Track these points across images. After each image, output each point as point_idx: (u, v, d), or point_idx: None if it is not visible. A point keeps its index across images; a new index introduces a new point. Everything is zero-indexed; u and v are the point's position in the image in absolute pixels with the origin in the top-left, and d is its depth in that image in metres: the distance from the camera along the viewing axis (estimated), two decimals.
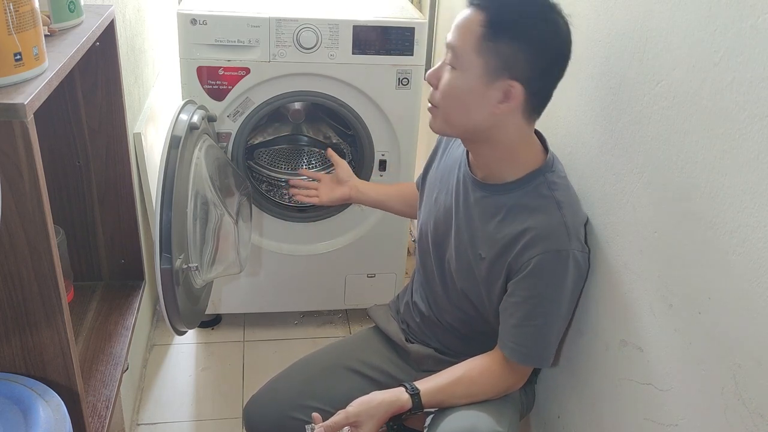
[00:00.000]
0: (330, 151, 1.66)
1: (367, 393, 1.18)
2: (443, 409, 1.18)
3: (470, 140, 1.17)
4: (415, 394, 1.14)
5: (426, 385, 1.16)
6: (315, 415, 1.18)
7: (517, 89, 1.05)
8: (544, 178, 1.13)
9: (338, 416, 1.13)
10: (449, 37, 1.09)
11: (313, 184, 1.64)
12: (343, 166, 1.61)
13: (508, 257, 1.12)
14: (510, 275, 1.13)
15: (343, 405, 1.17)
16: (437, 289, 1.31)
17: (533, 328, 1.12)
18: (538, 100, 1.10)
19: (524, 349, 1.14)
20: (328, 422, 1.13)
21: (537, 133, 1.20)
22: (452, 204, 1.23)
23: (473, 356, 1.31)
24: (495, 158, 1.15)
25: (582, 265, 1.13)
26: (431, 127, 1.18)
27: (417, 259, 1.39)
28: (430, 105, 1.15)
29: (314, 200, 1.61)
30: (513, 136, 1.12)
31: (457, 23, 1.08)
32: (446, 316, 1.32)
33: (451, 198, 1.24)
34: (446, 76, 1.10)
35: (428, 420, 1.20)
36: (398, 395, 1.14)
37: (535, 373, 1.39)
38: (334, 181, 1.62)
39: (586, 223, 1.19)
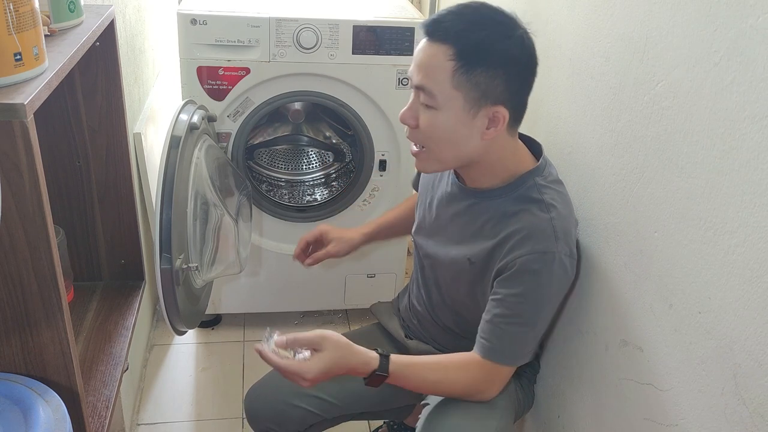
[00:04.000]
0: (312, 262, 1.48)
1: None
2: (436, 413, 1.17)
3: (460, 166, 1.16)
4: (384, 356, 1.10)
5: (400, 356, 1.13)
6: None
7: (503, 113, 1.05)
8: (534, 182, 1.12)
9: (307, 333, 1.09)
10: (415, 77, 1.05)
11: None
12: (332, 239, 1.45)
13: (496, 259, 1.12)
14: (497, 276, 1.13)
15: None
16: (433, 292, 1.31)
17: (507, 326, 1.10)
18: (519, 113, 1.10)
19: (495, 345, 1.11)
20: (294, 334, 1.09)
21: (531, 139, 1.19)
22: (443, 211, 1.23)
23: None
24: (483, 173, 1.15)
25: (568, 270, 1.11)
26: (421, 169, 1.17)
27: (414, 261, 1.39)
28: (415, 149, 1.13)
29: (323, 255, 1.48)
30: (501, 152, 1.12)
31: (419, 61, 1.05)
32: (442, 317, 1.32)
33: (443, 205, 1.23)
34: (425, 117, 1.07)
35: (422, 417, 1.21)
36: (369, 352, 1.11)
37: (535, 372, 1.39)
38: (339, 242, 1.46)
39: (577, 228, 1.18)
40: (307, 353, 1.08)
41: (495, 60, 1.02)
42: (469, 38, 1.02)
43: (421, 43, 1.06)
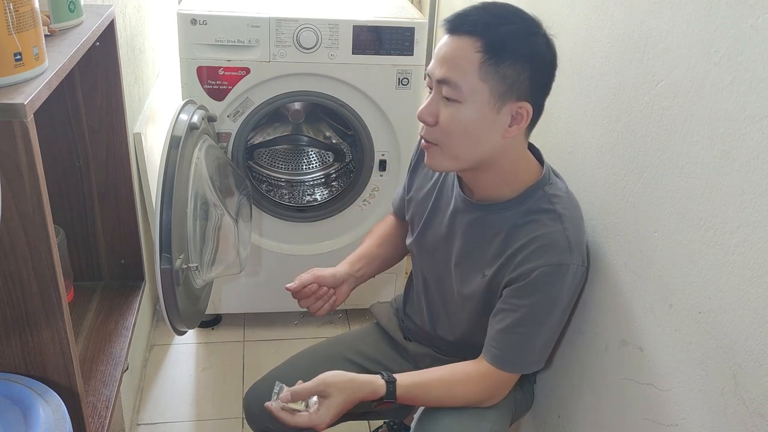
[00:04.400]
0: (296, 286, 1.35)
1: None
2: (428, 415, 1.17)
3: (472, 169, 1.12)
4: (390, 383, 1.11)
5: (404, 377, 1.14)
6: (299, 381, 1.14)
7: (527, 109, 1.04)
8: (543, 192, 1.11)
9: (310, 383, 1.10)
10: (438, 71, 1.03)
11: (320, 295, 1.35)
12: (321, 278, 1.32)
13: (507, 270, 1.11)
14: (507, 285, 1.11)
15: None
16: (435, 307, 1.30)
17: (519, 336, 1.11)
18: (537, 115, 1.08)
19: (506, 356, 1.12)
20: (297, 387, 1.10)
21: (530, 145, 1.18)
22: (450, 229, 1.21)
23: (472, 358, 1.30)
24: (495, 182, 1.12)
25: (580, 280, 1.11)
26: (432, 167, 1.12)
27: (413, 273, 1.37)
28: (425, 143, 1.09)
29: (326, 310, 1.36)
30: (516, 156, 1.10)
31: (444, 55, 1.03)
32: (445, 330, 1.30)
33: (447, 220, 1.21)
34: (447, 111, 1.04)
35: (415, 418, 1.20)
36: (373, 379, 1.12)
37: (534, 372, 1.38)
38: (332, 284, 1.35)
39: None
40: (315, 399, 1.11)
41: (522, 54, 1.01)
42: (498, 30, 1.01)
43: (443, 39, 1.05)
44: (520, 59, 1.01)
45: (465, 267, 1.19)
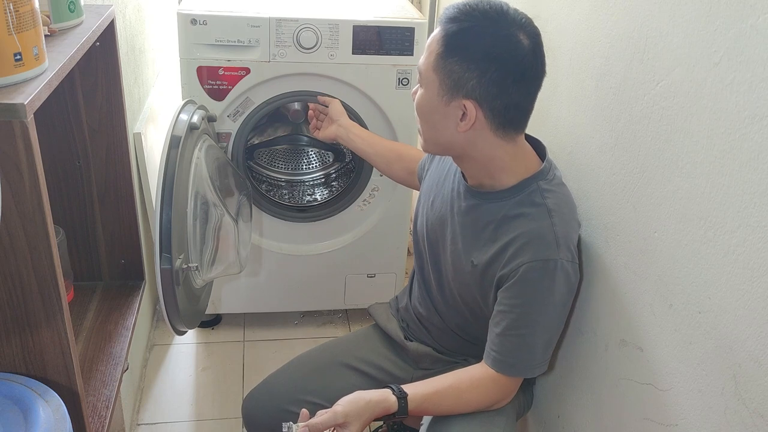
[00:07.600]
0: (319, 98, 1.72)
1: (365, 389, 1.16)
2: (439, 422, 1.17)
3: (452, 156, 1.18)
4: (402, 398, 1.11)
5: (414, 390, 1.13)
6: (304, 411, 1.14)
7: (472, 108, 1.04)
8: (537, 186, 1.11)
9: (326, 415, 1.09)
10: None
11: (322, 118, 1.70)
12: (333, 104, 1.66)
13: (498, 266, 1.11)
14: (500, 284, 1.12)
15: (339, 397, 1.16)
16: (435, 294, 1.31)
17: (517, 338, 1.10)
18: (503, 116, 1.06)
19: (507, 359, 1.12)
20: (315, 421, 1.09)
21: (535, 140, 1.18)
22: (447, 210, 1.22)
23: (472, 356, 1.30)
24: (478, 171, 1.14)
25: (571, 275, 1.10)
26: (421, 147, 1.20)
27: (414, 263, 1.38)
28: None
29: (315, 133, 1.68)
30: (489, 152, 1.10)
31: (427, 42, 1.09)
32: (445, 320, 1.31)
33: (447, 204, 1.23)
34: (418, 93, 1.11)
35: (424, 424, 1.20)
36: (386, 396, 1.11)
37: None
38: (329, 119, 1.65)
39: (579, 230, 1.18)
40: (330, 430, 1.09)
41: (470, 53, 1.02)
42: (453, 26, 1.03)
43: None
44: (467, 58, 1.02)
45: (456, 253, 1.20)
